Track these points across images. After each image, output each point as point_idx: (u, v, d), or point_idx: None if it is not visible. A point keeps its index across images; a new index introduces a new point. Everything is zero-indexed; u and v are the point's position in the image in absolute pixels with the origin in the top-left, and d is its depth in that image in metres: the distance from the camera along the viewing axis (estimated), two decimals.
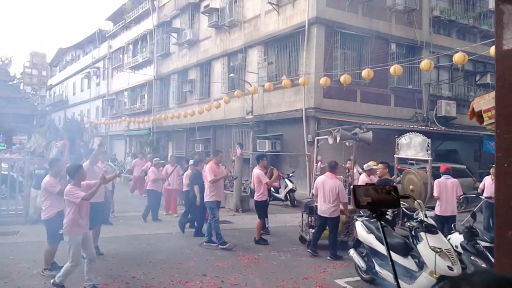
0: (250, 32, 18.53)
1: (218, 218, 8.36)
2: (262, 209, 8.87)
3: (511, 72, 2.28)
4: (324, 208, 7.51)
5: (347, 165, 10.84)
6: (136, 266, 6.74)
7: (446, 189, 8.07)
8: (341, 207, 7.67)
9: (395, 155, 9.78)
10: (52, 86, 52.47)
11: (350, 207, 7.93)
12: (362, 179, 9.19)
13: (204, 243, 8.30)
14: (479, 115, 3.80)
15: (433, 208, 8.27)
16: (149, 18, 27.79)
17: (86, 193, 5.31)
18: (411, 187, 8.98)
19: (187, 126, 22.23)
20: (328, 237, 7.57)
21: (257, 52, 17.91)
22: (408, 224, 8.33)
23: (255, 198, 8.92)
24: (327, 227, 7.64)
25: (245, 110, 17.60)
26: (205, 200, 8.41)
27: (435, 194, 8.12)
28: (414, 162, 10.12)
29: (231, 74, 18.47)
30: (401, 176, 9.54)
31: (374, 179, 8.94)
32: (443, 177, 8.24)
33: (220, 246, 7.98)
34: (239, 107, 18.27)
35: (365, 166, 9.40)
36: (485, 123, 3.80)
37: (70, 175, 5.55)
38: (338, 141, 10.11)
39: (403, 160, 10.34)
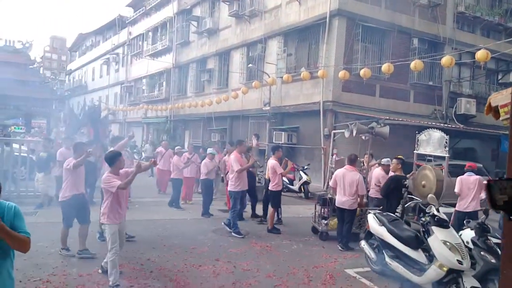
0: (271, 22, 18.50)
1: (237, 209, 8.60)
2: (276, 198, 9.00)
3: None
4: (343, 200, 7.62)
5: (364, 159, 10.86)
6: (151, 249, 6.94)
7: (468, 185, 8.11)
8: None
9: (415, 151, 9.76)
10: (72, 71, 53.31)
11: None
12: (378, 173, 9.21)
13: (223, 223, 8.61)
14: (495, 110, 3.82)
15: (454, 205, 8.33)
16: (170, 6, 27.92)
17: (122, 182, 5.20)
18: (423, 182, 8.99)
19: (204, 115, 22.41)
20: (343, 227, 7.66)
21: (276, 43, 17.89)
22: (423, 219, 8.39)
23: (270, 188, 9.05)
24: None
25: (262, 101, 17.65)
26: (230, 189, 8.62)
27: (456, 190, 8.21)
28: (432, 158, 10.09)
29: (250, 65, 18.50)
30: (417, 171, 9.53)
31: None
32: (466, 174, 8.28)
33: (234, 234, 8.17)
34: (257, 98, 18.33)
35: (383, 160, 9.41)
36: (501, 118, 3.82)
37: (109, 162, 5.44)
38: (354, 134, 10.12)
39: (422, 156, 10.32)
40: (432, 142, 9.33)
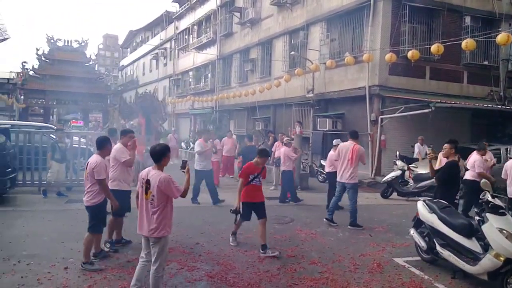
0: (313, 9, 18.15)
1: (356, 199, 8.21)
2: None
3: None
4: None
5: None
6: (199, 234, 7.16)
7: None
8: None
9: None
10: (124, 67, 55.50)
11: None
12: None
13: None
14: None
15: None
16: None
17: (183, 190, 4.39)
18: None
19: (248, 104, 22.53)
20: None
21: (319, 29, 17.55)
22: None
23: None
24: None
25: (305, 89, 17.42)
26: (349, 181, 8.12)
27: (502, 175, 8.10)
28: None
29: (292, 52, 18.30)
30: None
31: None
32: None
33: (350, 227, 7.99)
34: (300, 86, 18.12)
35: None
36: None
37: (157, 158, 4.40)
38: None
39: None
40: None
